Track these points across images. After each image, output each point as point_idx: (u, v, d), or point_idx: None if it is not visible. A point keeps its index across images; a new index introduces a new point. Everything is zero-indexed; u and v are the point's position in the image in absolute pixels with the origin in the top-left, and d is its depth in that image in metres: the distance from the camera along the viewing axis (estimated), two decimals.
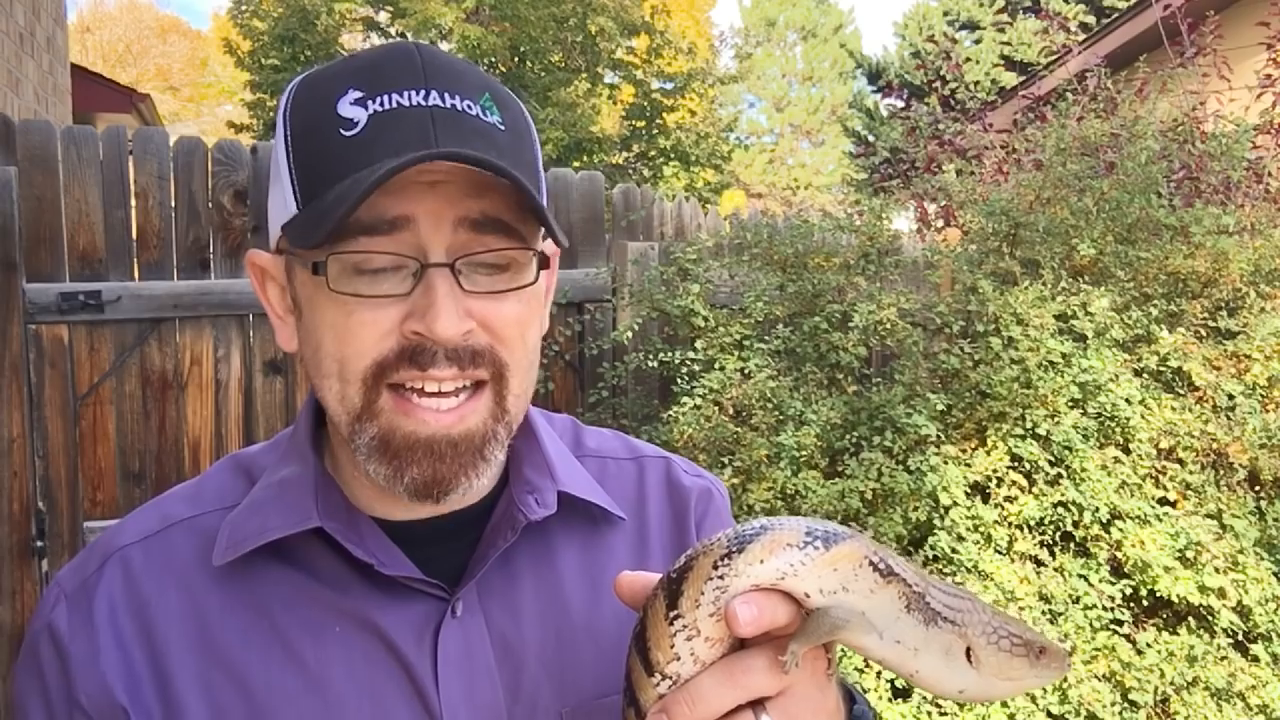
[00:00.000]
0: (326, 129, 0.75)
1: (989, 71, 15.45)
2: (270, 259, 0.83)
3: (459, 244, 0.74)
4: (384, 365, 0.75)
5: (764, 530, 0.65)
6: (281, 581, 0.80)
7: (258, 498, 0.83)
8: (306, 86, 0.79)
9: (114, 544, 0.83)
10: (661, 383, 3.55)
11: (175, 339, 3.28)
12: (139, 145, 3.28)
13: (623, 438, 1.00)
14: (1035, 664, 0.65)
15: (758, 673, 0.65)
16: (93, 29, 27.61)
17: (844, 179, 20.72)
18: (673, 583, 0.66)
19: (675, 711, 0.65)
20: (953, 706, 2.76)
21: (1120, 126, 3.88)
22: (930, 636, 0.64)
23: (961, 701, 2.11)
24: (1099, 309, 3.05)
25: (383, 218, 0.73)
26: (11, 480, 3.14)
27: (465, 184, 0.74)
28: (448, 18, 13.43)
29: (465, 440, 0.76)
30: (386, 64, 0.77)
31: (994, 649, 0.64)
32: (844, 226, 3.52)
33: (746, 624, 0.62)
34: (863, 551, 0.65)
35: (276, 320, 0.84)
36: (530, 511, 0.83)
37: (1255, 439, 2.95)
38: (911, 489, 2.80)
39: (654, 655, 0.66)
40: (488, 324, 0.76)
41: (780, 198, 26.24)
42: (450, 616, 0.80)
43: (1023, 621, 0.66)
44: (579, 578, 0.86)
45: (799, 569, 0.64)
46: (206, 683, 0.78)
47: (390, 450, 0.76)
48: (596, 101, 14.68)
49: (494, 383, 0.78)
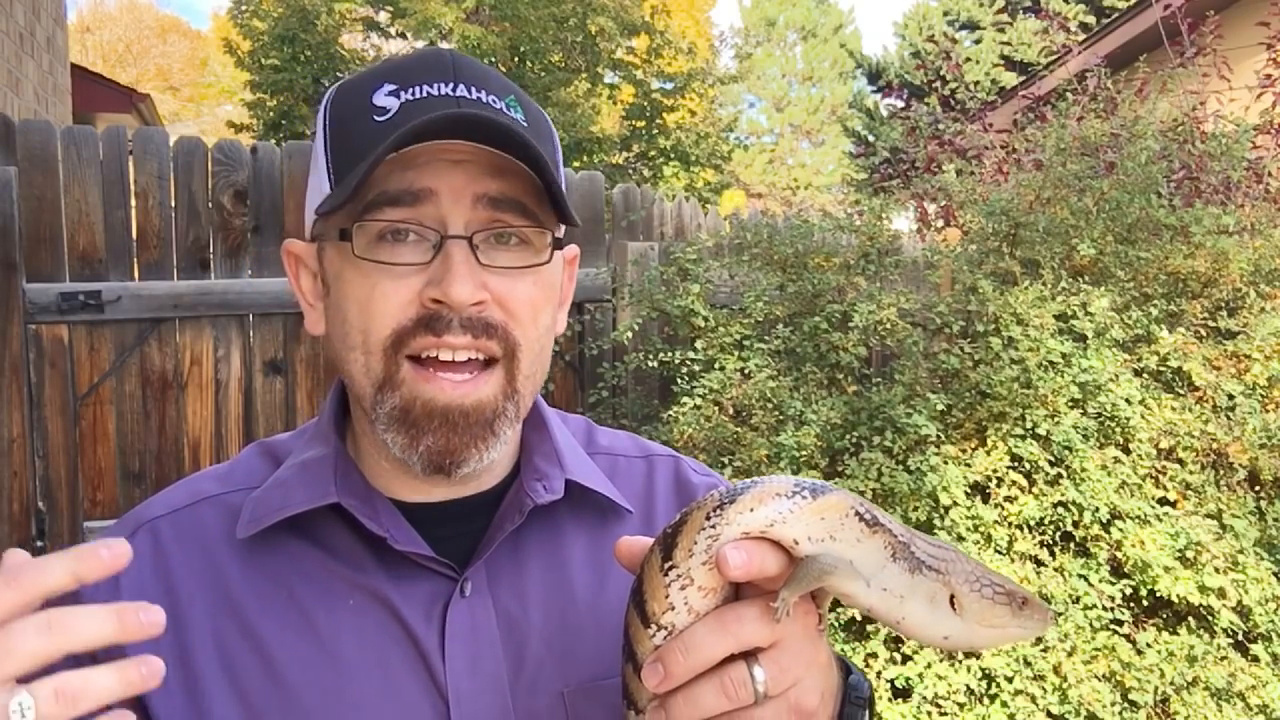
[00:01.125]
0: (361, 118, 0.81)
1: (989, 71, 15.46)
2: (304, 247, 0.89)
3: (477, 219, 0.80)
4: (402, 333, 0.79)
5: (755, 483, 0.67)
6: (300, 555, 0.84)
7: (281, 476, 0.88)
8: (344, 88, 0.86)
9: (145, 516, 0.88)
10: (661, 383, 3.55)
11: (175, 339, 3.28)
12: (139, 145, 3.28)
13: (634, 438, 1.04)
14: (1018, 614, 0.67)
15: (750, 622, 0.66)
16: (93, 29, 27.62)
17: (844, 179, 20.73)
18: (668, 536, 0.68)
19: (670, 660, 0.66)
20: (953, 706, 2.77)
21: (1120, 126, 3.88)
22: (915, 584, 0.66)
23: (946, 649, 2.11)
24: (1099, 309, 3.05)
25: (408, 190, 0.79)
26: (11, 480, 3.14)
27: (486, 164, 0.80)
28: (448, 18, 13.42)
29: (477, 411, 0.81)
30: (419, 62, 0.83)
31: (977, 596, 0.66)
32: (844, 226, 3.52)
33: (736, 568, 0.64)
34: (849, 502, 0.67)
35: (307, 307, 0.89)
36: (538, 496, 0.87)
37: (1255, 439, 2.95)
38: (911, 489, 2.80)
39: (650, 607, 0.68)
40: (502, 300, 0.81)
41: (780, 198, 26.24)
42: (459, 595, 0.84)
43: (1005, 575, 0.68)
44: (586, 565, 0.89)
45: (787, 517, 0.66)
46: (224, 646, 0.81)
47: (409, 419, 0.80)
48: (596, 101, 14.68)
49: (505, 360, 0.82)
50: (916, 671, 2.76)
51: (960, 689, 2.74)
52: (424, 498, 0.87)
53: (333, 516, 0.84)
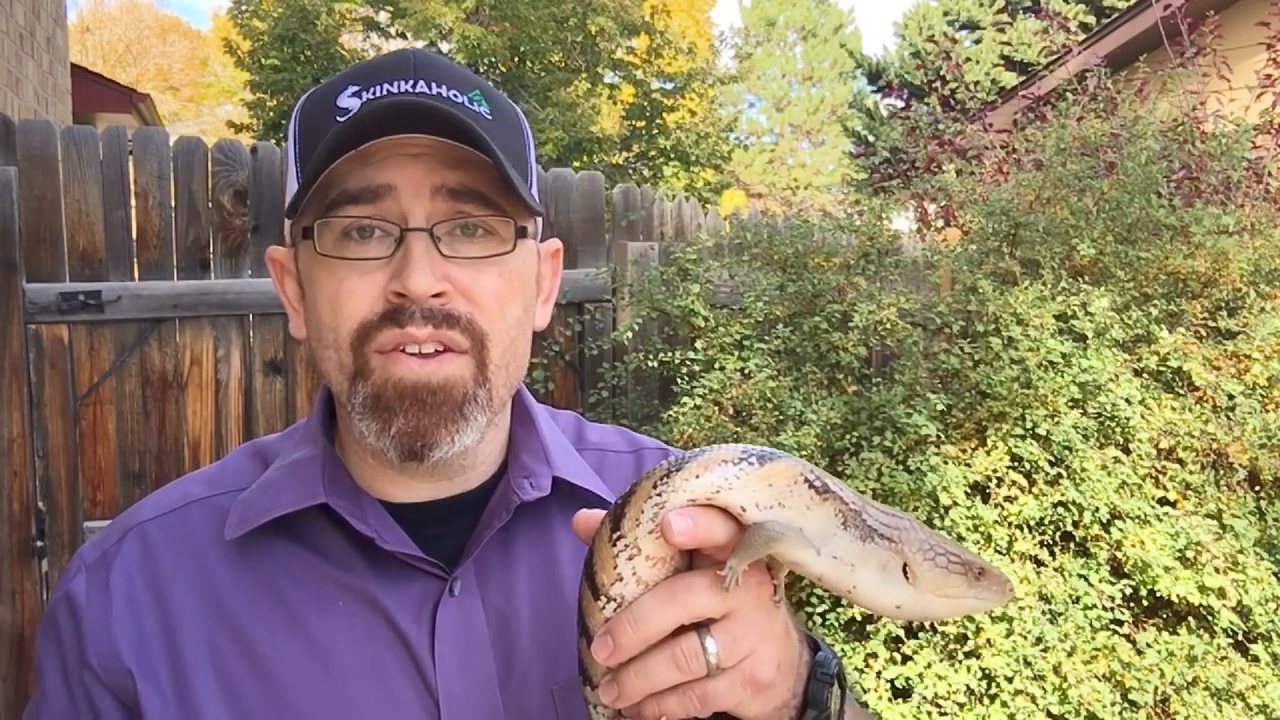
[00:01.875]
0: (326, 119, 0.82)
1: (989, 71, 15.45)
2: (284, 252, 0.90)
3: (438, 210, 0.80)
4: (367, 327, 0.80)
5: (702, 451, 0.67)
6: (289, 557, 0.85)
7: (270, 478, 0.88)
8: (313, 94, 0.87)
9: (134, 519, 0.89)
10: (661, 383, 3.55)
11: (175, 339, 3.28)
12: (139, 145, 3.28)
13: (624, 432, 1.04)
14: (974, 584, 0.66)
15: (698, 591, 0.65)
16: (93, 29, 27.61)
17: (844, 179, 20.72)
18: (617, 507, 0.68)
19: (619, 631, 0.65)
20: (953, 706, 2.77)
21: (1120, 126, 3.87)
22: (867, 552, 0.65)
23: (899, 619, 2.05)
24: (1099, 309, 3.05)
25: (367, 187, 0.79)
26: (11, 480, 3.14)
27: (444, 157, 0.80)
28: (448, 18, 13.42)
29: (444, 390, 0.80)
30: (383, 64, 0.84)
31: (930, 564, 0.65)
32: (844, 226, 3.52)
33: (680, 534, 0.63)
34: (798, 469, 0.66)
35: (291, 312, 0.90)
36: (524, 493, 0.87)
37: (1255, 439, 2.95)
38: (911, 489, 2.80)
39: (599, 578, 0.67)
40: (466, 291, 0.81)
41: (780, 198, 26.23)
42: (448, 595, 0.84)
43: (963, 546, 0.67)
44: (575, 562, 0.88)
45: (734, 483, 0.65)
46: (215, 649, 0.82)
47: (381, 404, 0.80)
48: (596, 101, 14.67)
49: (475, 350, 0.82)
50: (916, 671, 2.76)
51: (960, 689, 2.74)
52: (412, 497, 0.87)
53: (321, 517, 0.85)
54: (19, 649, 3.15)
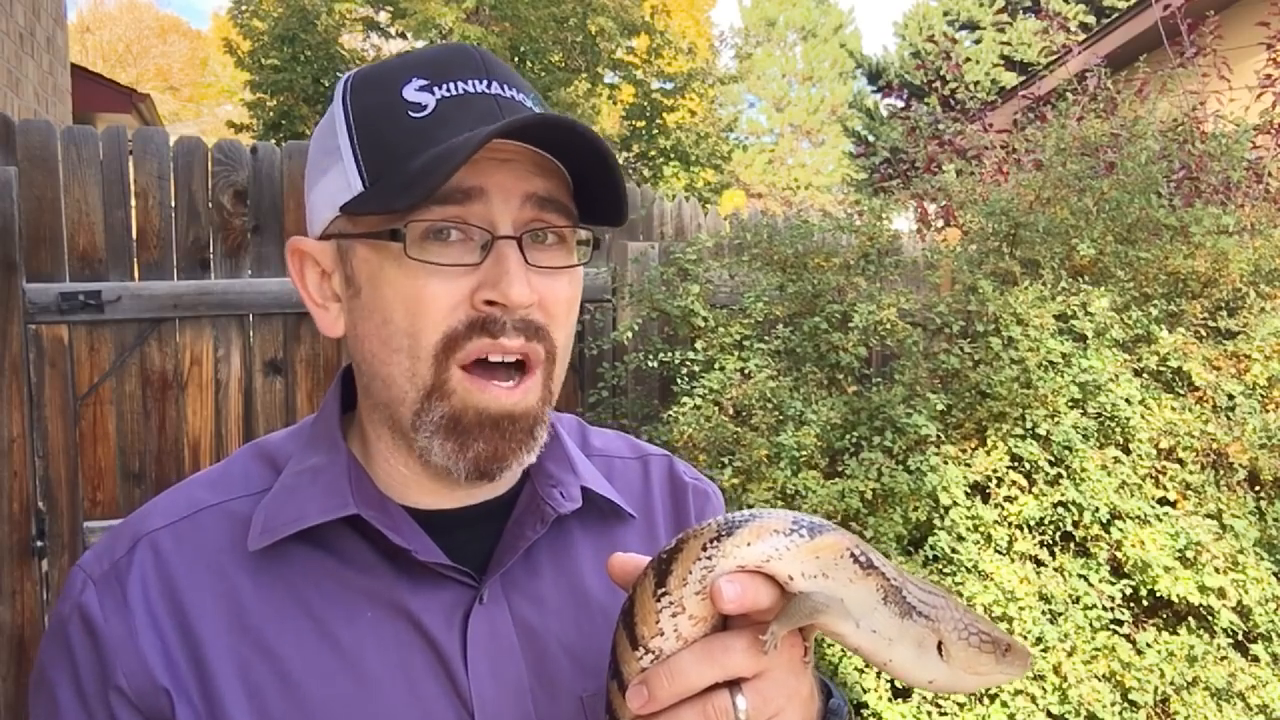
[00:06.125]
0: (394, 112, 0.78)
1: (989, 71, 15.46)
2: (316, 245, 0.84)
3: (524, 219, 0.79)
4: (453, 337, 0.77)
5: (753, 517, 0.68)
6: (313, 566, 0.82)
7: (290, 484, 0.84)
8: (363, 79, 0.83)
9: (142, 528, 0.83)
10: (661, 383, 3.55)
11: (175, 339, 3.28)
12: (139, 145, 3.28)
13: (626, 437, 1.03)
14: (1001, 660, 0.68)
15: (737, 652, 0.66)
16: (93, 29, 27.61)
17: (844, 179, 20.73)
18: (663, 562, 0.69)
19: (654, 684, 0.67)
20: (953, 707, 2.77)
21: (1120, 126, 3.87)
22: (905, 628, 0.67)
23: (929, 690, 2.11)
24: (1099, 309, 3.05)
25: (457, 188, 0.76)
26: (11, 480, 3.14)
27: (530, 163, 0.79)
28: (448, 18, 13.43)
29: (524, 417, 0.80)
30: (447, 58, 0.81)
31: (964, 644, 0.67)
32: (844, 226, 3.52)
33: (730, 601, 0.65)
34: (845, 543, 0.67)
35: (315, 307, 0.86)
36: (558, 505, 0.87)
37: (1255, 439, 2.95)
38: (911, 489, 2.80)
39: (640, 630, 0.69)
40: (544, 301, 0.80)
41: (780, 198, 26.22)
42: (478, 603, 0.83)
43: (989, 621, 0.70)
44: (596, 570, 0.88)
45: (783, 553, 0.66)
46: (242, 663, 0.78)
47: (460, 427, 0.79)
48: (596, 101, 14.68)
49: (546, 363, 0.81)
50: None
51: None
52: (437, 504, 0.86)
53: (343, 525, 0.82)
54: (19, 649, 3.15)
